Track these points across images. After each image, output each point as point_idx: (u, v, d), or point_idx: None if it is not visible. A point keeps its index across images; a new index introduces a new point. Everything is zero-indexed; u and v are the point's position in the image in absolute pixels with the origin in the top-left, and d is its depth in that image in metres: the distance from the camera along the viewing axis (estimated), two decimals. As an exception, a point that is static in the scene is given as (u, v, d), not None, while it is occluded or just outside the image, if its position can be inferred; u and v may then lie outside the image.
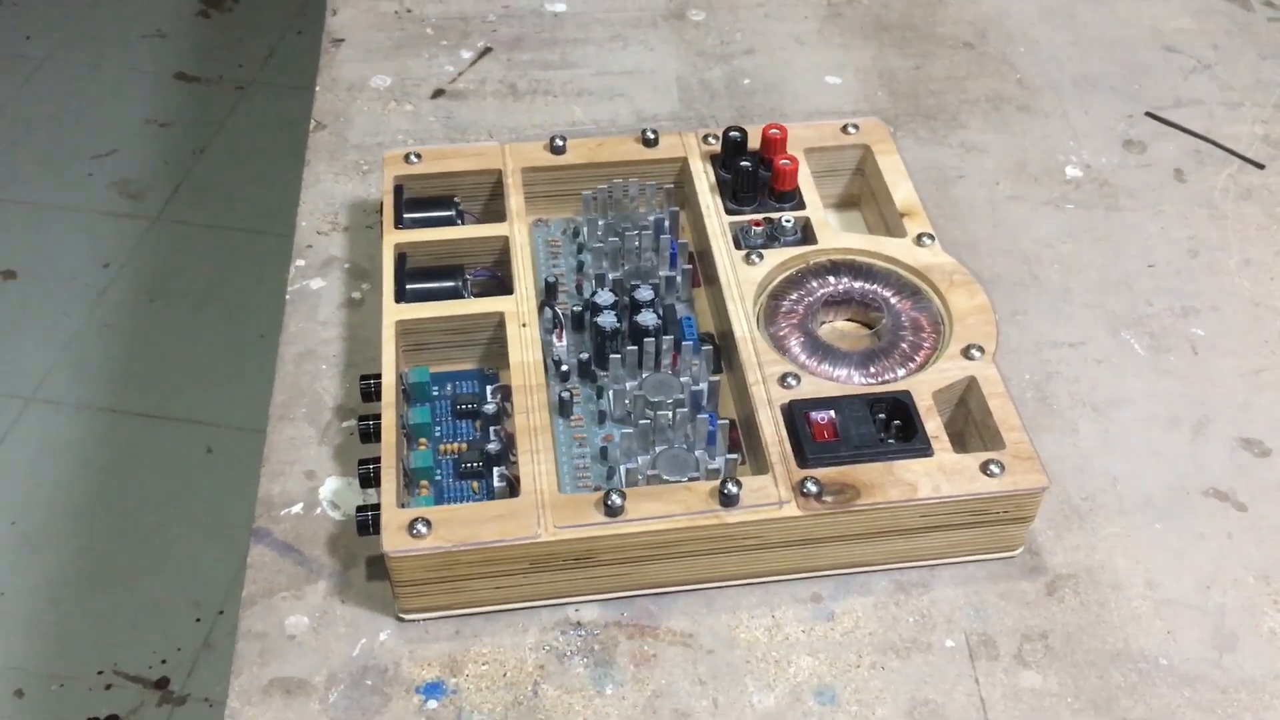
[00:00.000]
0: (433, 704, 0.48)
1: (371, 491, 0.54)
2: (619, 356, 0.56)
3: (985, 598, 0.52)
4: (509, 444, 0.54)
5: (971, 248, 0.67)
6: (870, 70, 0.79)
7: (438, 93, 0.76)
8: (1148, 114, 0.76)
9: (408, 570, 0.48)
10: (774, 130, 0.63)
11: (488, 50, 0.80)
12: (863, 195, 0.67)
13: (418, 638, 0.50)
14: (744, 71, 0.78)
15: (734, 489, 0.49)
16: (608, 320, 0.56)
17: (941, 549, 0.52)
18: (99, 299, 1.73)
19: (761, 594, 0.52)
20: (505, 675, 0.49)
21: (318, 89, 0.77)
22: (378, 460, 0.52)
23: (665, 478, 0.52)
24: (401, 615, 0.51)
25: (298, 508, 0.55)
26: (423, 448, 0.54)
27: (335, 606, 0.51)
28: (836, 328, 0.59)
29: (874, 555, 0.52)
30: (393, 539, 0.48)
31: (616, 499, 0.49)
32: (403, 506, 0.50)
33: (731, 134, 0.63)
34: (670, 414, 0.53)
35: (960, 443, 0.54)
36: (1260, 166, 0.72)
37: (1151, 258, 0.67)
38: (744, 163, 0.62)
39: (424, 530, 0.48)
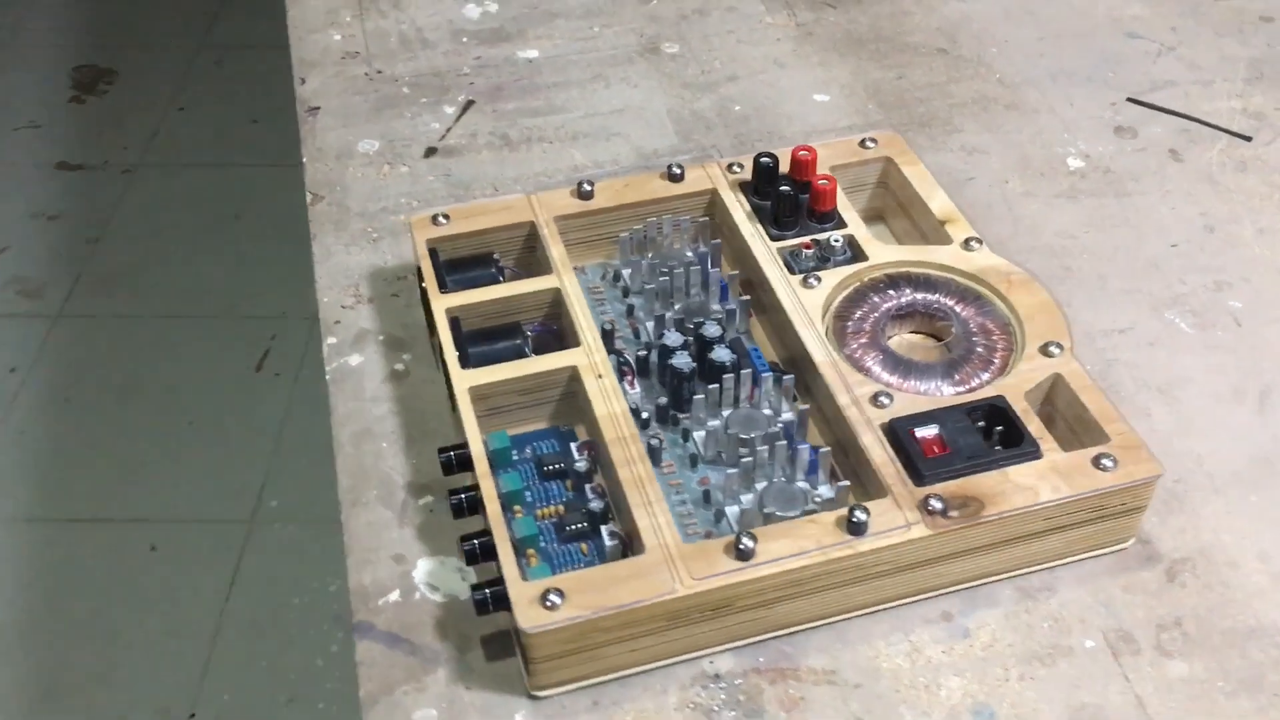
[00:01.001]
0: (589, 782, 0.46)
1: (467, 568, 0.52)
2: (701, 397, 0.54)
3: (1110, 593, 0.52)
4: (608, 499, 0.52)
5: (999, 247, 0.67)
6: (854, 85, 0.79)
7: (430, 151, 0.74)
8: (1129, 100, 0.77)
9: (545, 645, 0.46)
10: (803, 152, 0.63)
11: (470, 103, 0.78)
12: (886, 208, 0.67)
13: (556, 714, 0.48)
14: (732, 98, 0.78)
15: (863, 516, 0.48)
16: (683, 361, 0.55)
17: (1059, 550, 0.52)
18: (10, 406, 1.65)
19: (891, 619, 0.51)
20: (657, 740, 0.47)
21: (304, 160, 0.74)
22: (481, 534, 0.50)
23: (779, 514, 0.50)
24: (535, 694, 0.49)
25: (394, 595, 0.52)
26: (519, 515, 0.52)
27: (461, 694, 0.49)
28: (905, 341, 0.59)
29: (995, 565, 0.52)
30: (527, 615, 0.46)
31: (748, 542, 0.47)
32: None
33: (763, 160, 0.63)
34: (767, 448, 0.52)
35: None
36: (1247, 139, 0.74)
37: (1171, 237, 0.68)
38: (784, 188, 0.61)
39: (558, 601, 0.46)
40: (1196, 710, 0.48)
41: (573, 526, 0.52)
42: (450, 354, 0.55)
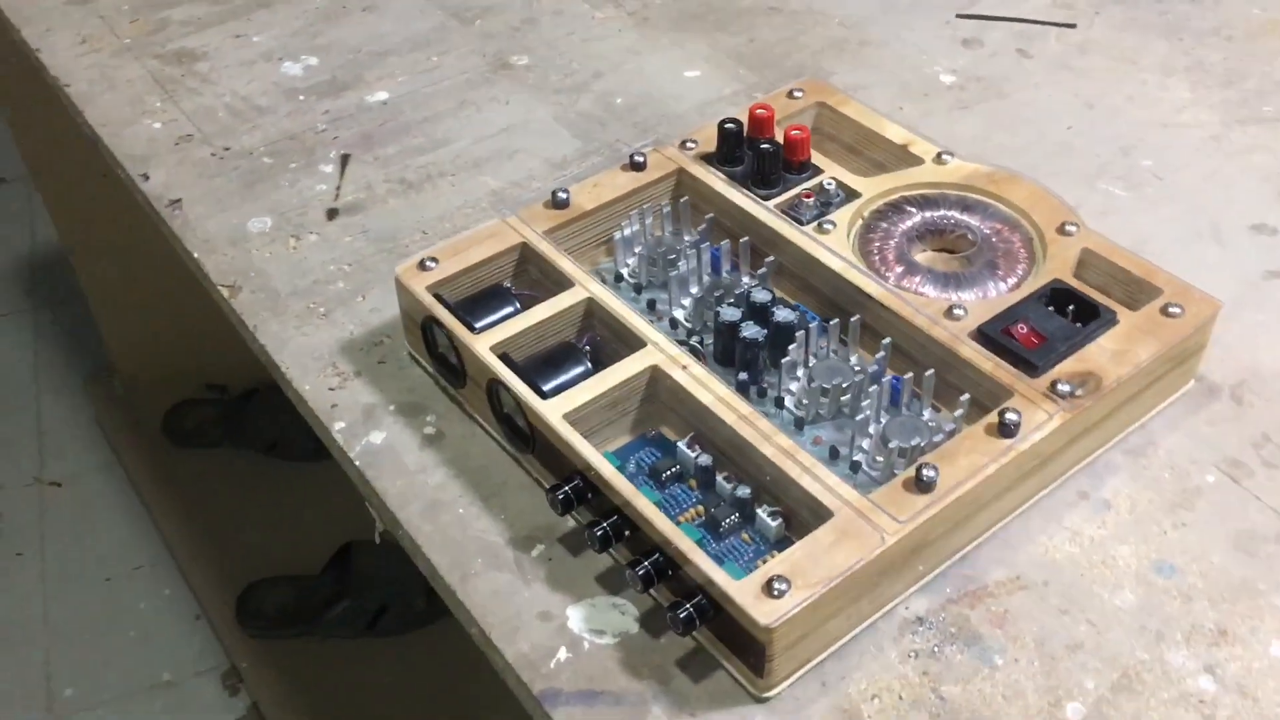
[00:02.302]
0: (862, 759, 0.44)
1: (622, 601, 0.49)
2: (788, 360, 0.53)
3: (1200, 430, 0.55)
4: (750, 483, 0.50)
5: (928, 166, 0.70)
6: (715, 55, 0.80)
7: (332, 213, 0.68)
8: (959, 15, 0.82)
9: (784, 635, 0.44)
10: (761, 110, 0.62)
11: (347, 157, 0.72)
12: (833, 151, 0.67)
13: (793, 709, 0.46)
14: (610, 93, 0.77)
15: (1014, 416, 0.49)
16: (753, 331, 0.54)
17: (1146, 406, 0.55)
18: None
19: (1039, 514, 0.52)
20: (903, 697, 0.46)
21: (194, 254, 0.66)
22: (648, 554, 0.47)
23: (908, 446, 0.50)
24: (762, 695, 0.46)
25: (563, 653, 0.48)
26: (667, 528, 0.49)
27: (689, 723, 0.45)
28: (929, 259, 0.60)
29: (1102, 437, 0.54)
30: (763, 609, 0.43)
31: (929, 473, 0.47)
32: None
33: (728, 125, 0.62)
34: (864, 390, 0.52)
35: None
36: (1072, 26, 0.81)
37: (1064, 121, 0.73)
38: (765, 145, 0.61)
39: (784, 588, 0.44)
40: (1324, 504, 0.52)
41: (728, 521, 0.49)
42: (522, 390, 0.51)
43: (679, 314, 0.57)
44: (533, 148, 0.73)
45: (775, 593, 0.44)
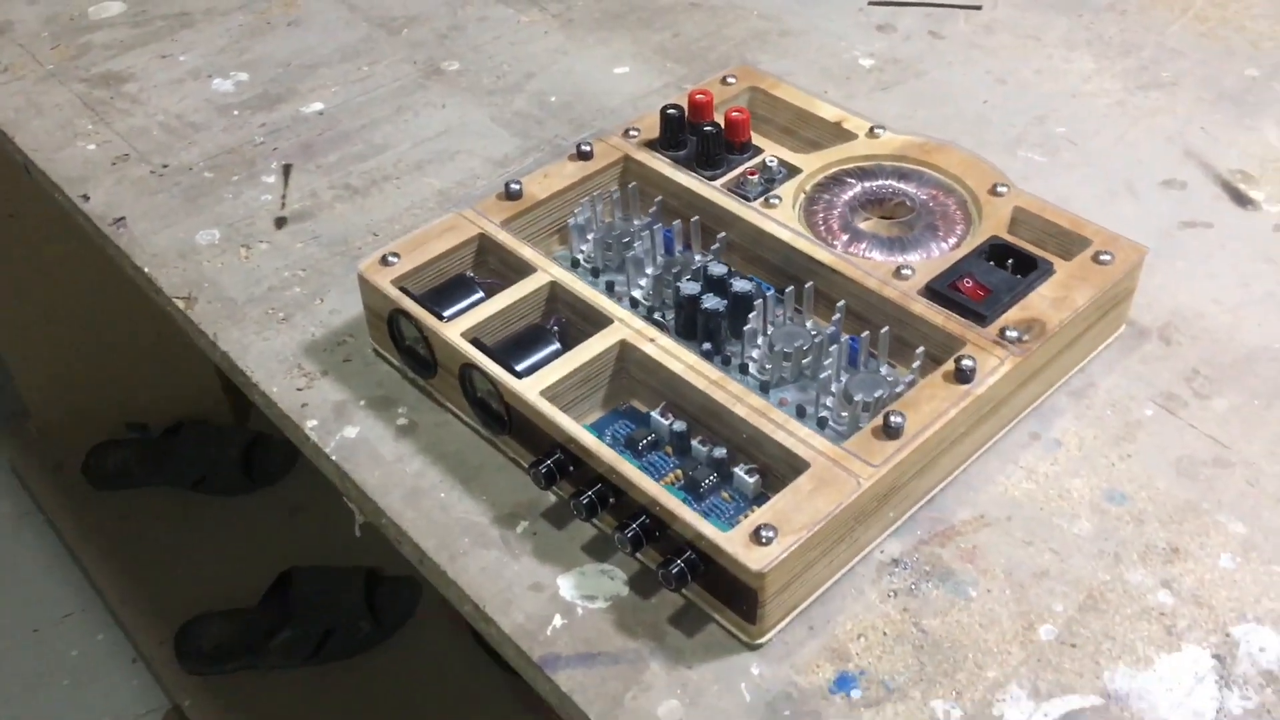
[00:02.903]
0: (855, 693, 0.46)
1: (610, 567, 0.50)
2: (749, 328, 0.55)
3: (1135, 369, 0.59)
4: (725, 444, 0.52)
5: (856, 145, 0.73)
6: (641, 51, 0.82)
7: (280, 221, 0.69)
8: (871, 3, 0.86)
9: (774, 581, 0.46)
10: (701, 95, 0.65)
11: (289, 167, 0.73)
12: (768, 133, 0.70)
13: (784, 653, 0.48)
14: (543, 92, 0.79)
15: (970, 363, 0.51)
16: (714, 302, 0.56)
17: (1083, 351, 0.58)
18: None
19: (995, 457, 0.55)
20: (886, 634, 0.48)
21: (144, 269, 0.66)
22: (634, 517, 0.48)
23: (871, 400, 0.53)
24: (755, 642, 0.48)
25: (558, 620, 0.49)
26: (649, 492, 0.51)
27: (687, 675, 0.47)
28: (870, 227, 0.62)
29: (1047, 381, 0.57)
30: (754, 556, 0.45)
31: (896, 419, 0.49)
32: (710, 537, 0.47)
33: (670, 111, 0.64)
34: (824, 351, 0.54)
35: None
36: (978, 8, 0.85)
37: (980, 96, 0.77)
38: (708, 128, 0.63)
39: (771, 534, 0.46)
40: (1252, 426, 0.55)
41: (707, 481, 0.51)
42: (498, 372, 0.53)
43: (637, 294, 0.59)
44: (473, 148, 0.74)
45: (763, 540, 0.46)
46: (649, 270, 0.60)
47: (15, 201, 1.48)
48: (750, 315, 0.55)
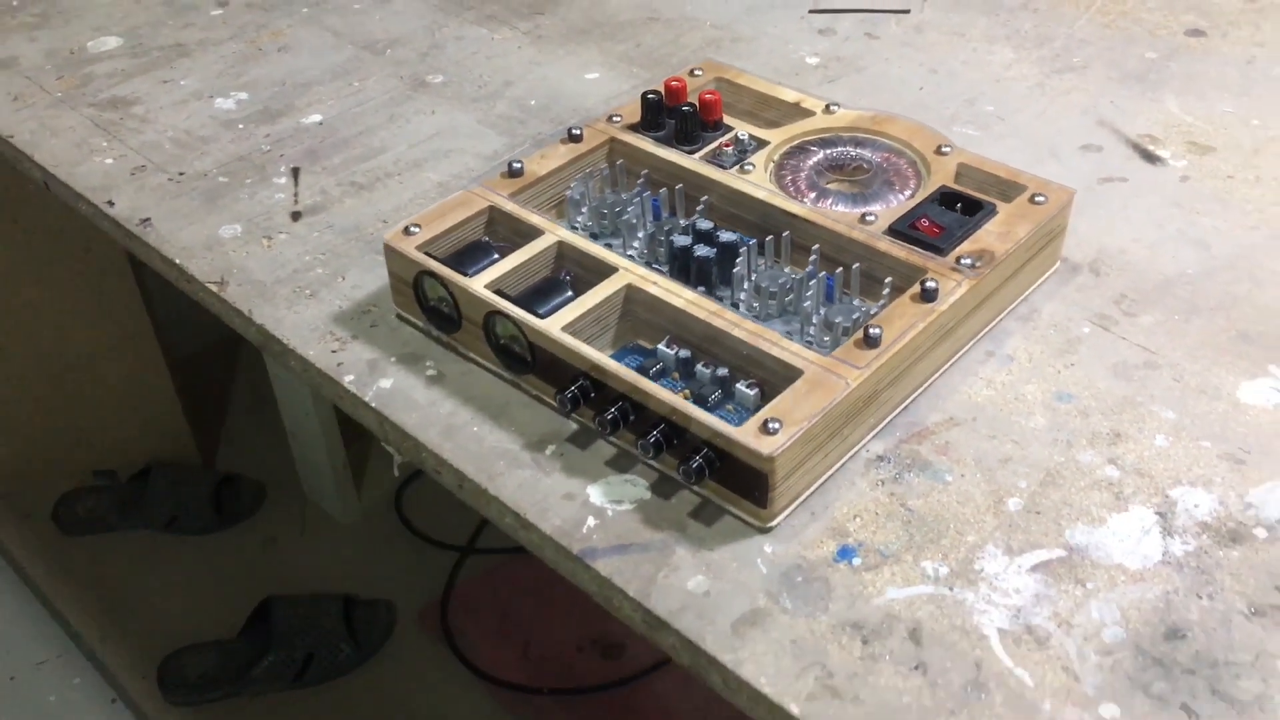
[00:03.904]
0: (856, 560, 0.54)
1: (630, 476, 0.57)
2: (737, 272, 0.63)
3: (1071, 296, 0.67)
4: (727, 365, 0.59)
5: (810, 129, 0.81)
6: (609, 60, 0.90)
7: (296, 215, 0.76)
8: (812, 11, 0.95)
9: (782, 466, 0.53)
10: (675, 82, 0.73)
11: (297, 169, 0.80)
12: (733, 115, 0.77)
13: (791, 534, 0.55)
14: (523, 97, 0.86)
15: (933, 283, 0.60)
16: (705, 250, 0.63)
17: (1025, 283, 0.67)
18: None
19: (958, 372, 0.63)
20: (878, 513, 0.56)
21: (175, 260, 0.72)
22: (655, 425, 0.55)
23: (848, 324, 0.60)
24: (766, 526, 0.55)
25: (591, 521, 0.56)
26: (661, 409, 0.58)
27: (709, 556, 0.54)
28: (837, 186, 0.71)
29: (995, 308, 0.65)
30: (764, 444, 0.52)
31: (875, 331, 0.57)
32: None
33: (650, 96, 0.72)
34: (804, 288, 0.62)
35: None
36: (906, 12, 0.95)
37: (915, 84, 0.86)
38: (685, 108, 0.71)
39: (777, 425, 0.53)
40: (1174, 336, 0.64)
41: (712, 397, 0.58)
42: (523, 315, 0.60)
43: (632, 253, 0.67)
44: (464, 147, 0.81)
45: (771, 430, 0.53)
46: (640, 234, 0.68)
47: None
48: (737, 261, 0.63)
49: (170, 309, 1.77)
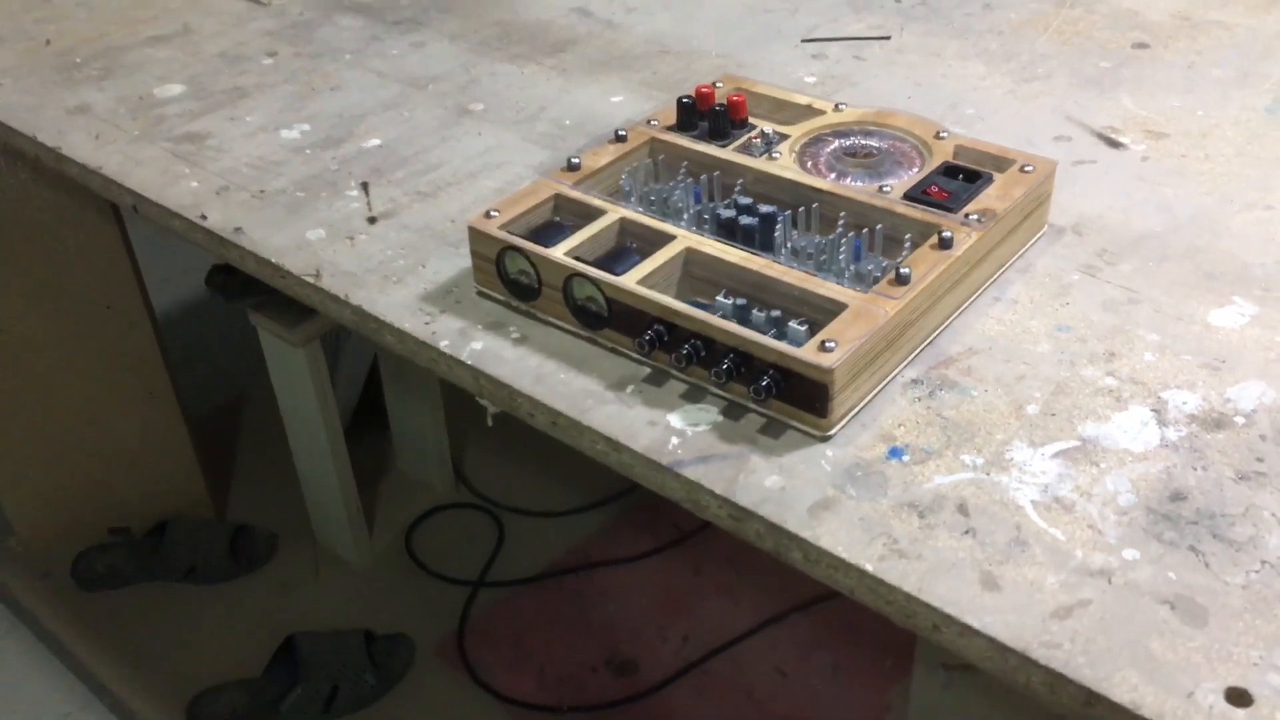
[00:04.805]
0: (905, 458, 0.63)
1: (699, 405, 0.67)
2: (777, 236, 0.73)
3: (1059, 253, 0.78)
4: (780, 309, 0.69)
5: (817, 133, 0.92)
6: (629, 86, 1.01)
7: (372, 220, 0.85)
8: (804, 40, 1.07)
9: (840, 378, 0.63)
10: (705, 89, 0.84)
11: (366, 184, 0.89)
12: (753, 117, 0.88)
13: (848, 441, 0.64)
14: (559, 118, 0.97)
15: (948, 234, 0.70)
16: (749, 220, 0.74)
17: (1019, 243, 0.77)
18: None
19: (971, 314, 0.73)
20: (919, 422, 0.65)
21: (271, 259, 0.81)
22: (728, 355, 0.65)
23: (878, 272, 0.71)
24: (826, 434, 0.64)
25: (674, 440, 0.65)
26: (727, 347, 0.67)
27: (780, 460, 0.63)
28: (853, 167, 0.81)
29: (997, 263, 0.76)
30: (824, 359, 0.62)
31: (905, 270, 0.67)
32: (785, 359, 0.64)
33: (684, 100, 0.83)
34: (836, 246, 0.72)
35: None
36: (888, 38, 1.07)
37: (904, 94, 0.98)
38: (718, 107, 0.82)
39: (832, 345, 0.63)
40: (1151, 278, 0.75)
41: (770, 334, 0.68)
42: (601, 274, 0.69)
43: (682, 225, 0.77)
44: (513, 160, 0.92)
45: (827, 348, 0.63)
46: (685, 214, 0.78)
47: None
48: (776, 228, 0.74)
49: (186, 367, 1.84)
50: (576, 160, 0.80)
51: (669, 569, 1.79)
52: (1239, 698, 0.51)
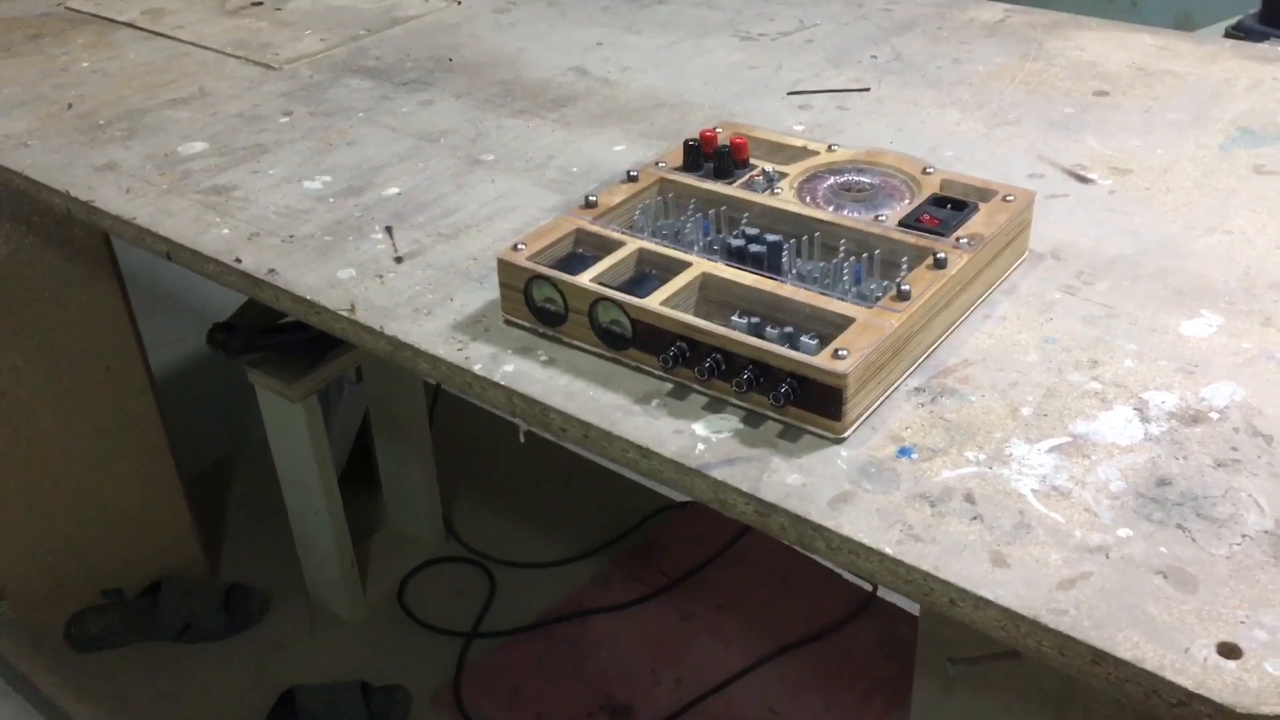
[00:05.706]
0: (914, 455, 0.69)
1: (720, 414, 0.72)
2: (785, 261, 0.79)
3: (1040, 275, 0.85)
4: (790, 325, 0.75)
5: (809, 175, 0.99)
6: (629, 136, 1.08)
7: (399, 259, 0.91)
8: (789, 93, 1.15)
9: (854, 383, 0.69)
10: (709, 132, 0.90)
11: (390, 228, 0.95)
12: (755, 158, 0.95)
13: (860, 442, 0.70)
14: (566, 165, 1.03)
15: (942, 255, 0.77)
16: (758, 248, 0.80)
17: (1003, 267, 0.84)
18: None
19: (965, 330, 0.79)
20: (924, 425, 0.71)
21: (306, 296, 0.86)
22: (747, 366, 0.71)
23: (880, 292, 0.77)
24: (840, 436, 0.70)
25: (700, 446, 0.70)
26: (744, 360, 0.73)
27: (799, 461, 0.69)
28: (849, 201, 0.88)
29: (984, 284, 0.82)
30: (837, 365, 0.68)
31: (905, 287, 0.74)
32: (801, 367, 0.70)
33: (690, 142, 0.89)
34: (839, 269, 0.79)
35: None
36: (867, 90, 1.15)
37: (887, 139, 1.05)
38: (721, 149, 0.88)
39: (845, 352, 0.69)
40: (1126, 295, 0.82)
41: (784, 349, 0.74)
42: (625, 297, 0.75)
43: (694, 254, 0.83)
44: (527, 204, 0.98)
45: (840, 355, 0.69)
46: (697, 246, 0.84)
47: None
48: (783, 254, 0.80)
49: (181, 426, 1.87)
50: (594, 198, 0.86)
51: (659, 614, 1.83)
52: (1230, 651, 0.57)
